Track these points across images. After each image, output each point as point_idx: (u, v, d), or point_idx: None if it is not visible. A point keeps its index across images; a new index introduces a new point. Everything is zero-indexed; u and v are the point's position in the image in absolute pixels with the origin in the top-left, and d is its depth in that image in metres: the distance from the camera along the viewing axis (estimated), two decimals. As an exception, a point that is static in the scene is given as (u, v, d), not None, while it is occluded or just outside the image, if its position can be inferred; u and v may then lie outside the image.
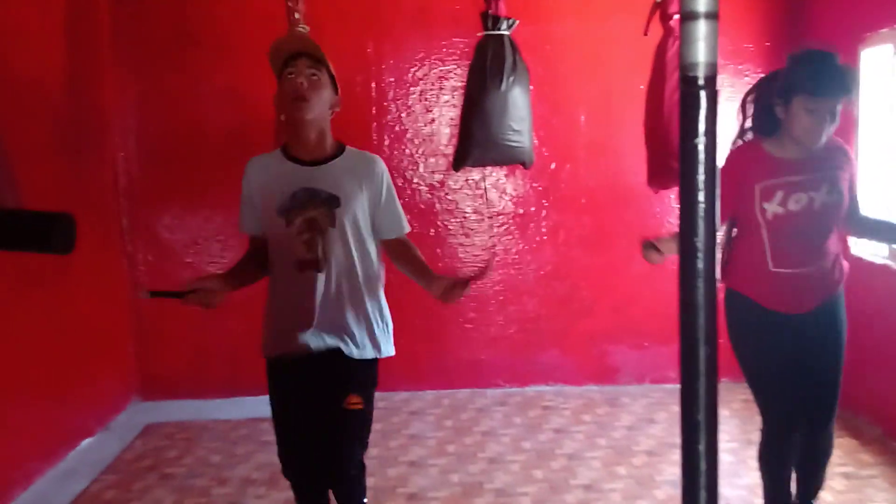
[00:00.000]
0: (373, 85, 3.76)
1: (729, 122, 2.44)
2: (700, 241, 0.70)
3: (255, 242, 2.22)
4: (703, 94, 0.68)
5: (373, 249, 2.17)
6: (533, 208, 3.90)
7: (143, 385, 3.76)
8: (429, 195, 3.86)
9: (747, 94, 2.33)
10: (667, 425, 3.49)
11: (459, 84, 3.73)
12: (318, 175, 2.09)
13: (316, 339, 2.11)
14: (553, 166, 3.87)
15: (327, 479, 2.21)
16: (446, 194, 3.87)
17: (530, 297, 3.94)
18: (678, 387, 0.75)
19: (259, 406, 3.75)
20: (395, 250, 2.22)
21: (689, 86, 0.69)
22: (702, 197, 0.69)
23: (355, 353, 2.14)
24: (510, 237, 3.92)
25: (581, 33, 3.77)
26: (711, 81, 0.69)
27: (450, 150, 3.76)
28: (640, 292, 3.87)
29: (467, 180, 3.86)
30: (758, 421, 2.39)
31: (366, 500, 2.30)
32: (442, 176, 3.85)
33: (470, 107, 3.51)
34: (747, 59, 3.84)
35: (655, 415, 3.63)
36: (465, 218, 3.89)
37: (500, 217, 3.90)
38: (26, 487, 2.75)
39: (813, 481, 2.40)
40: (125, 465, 3.21)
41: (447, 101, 3.81)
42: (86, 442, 3.20)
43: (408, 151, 3.82)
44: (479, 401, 3.86)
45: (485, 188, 3.80)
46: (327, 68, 2.10)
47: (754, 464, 2.45)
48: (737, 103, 2.37)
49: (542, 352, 3.97)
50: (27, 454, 2.80)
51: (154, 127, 3.69)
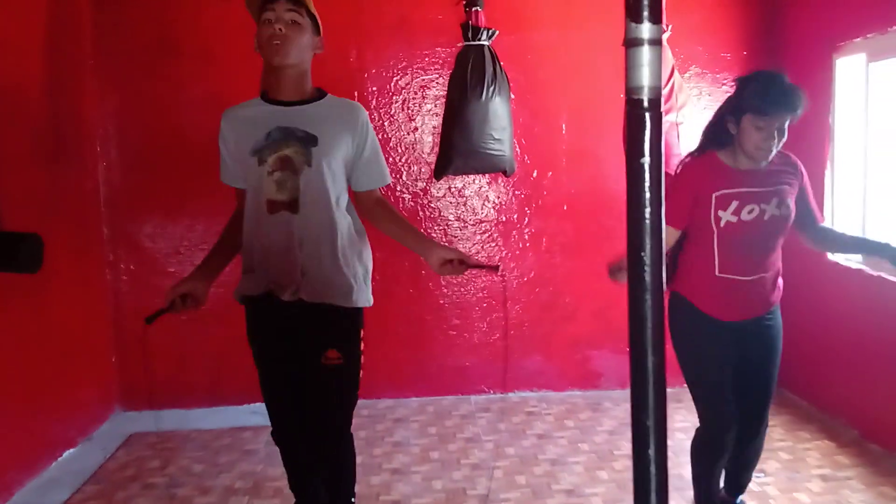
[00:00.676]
0: (355, 94, 3.79)
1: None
2: (647, 255, 0.73)
3: (239, 196, 2.12)
4: (647, 115, 0.72)
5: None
6: (516, 216, 3.94)
7: (126, 395, 3.75)
8: (412, 203, 3.88)
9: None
10: (648, 430, 3.52)
11: (441, 93, 3.76)
12: (294, 114, 1.98)
13: (290, 286, 2.00)
14: (535, 174, 3.90)
15: (309, 437, 2.10)
16: (429, 202, 3.90)
17: (513, 304, 3.97)
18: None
19: (241, 415, 3.79)
20: (373, 209, 2.10)
21: (634, 108, 0.72)
22: (647, 213, 0.72)
23: (337, 301, 2.02)
24: (493, 244, 3.95)
25: (561, 42, 3.82)
26: (656, 104, 0.72)
27: (432, 159, 3.79)
28: (622, 298, 3.84)
29: (450, 188, 3.89)
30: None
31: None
32: (425, 184, 3.88)
33: (451, 116, 3.54)
34: (725, 68, 3.90)
35: (637, 419, 3.66)
36: (448, 226, 3.92)
37: (483, 224, 3.93)
38: (7, 499, 2.74)
39: (744, 476, 2.57)
40: (108, 476, 3.20)
41: (430, 110, 3.84)
42: (68, 452, 3.19)
43: (391, 160, 3.84)
44: (463, 407, 3.88)
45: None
46: (307, 8, 1.98)
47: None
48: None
49: (525, 358, 3.99)
50: (8, 465, 2.79)
51: (136, 135, 3.69)
